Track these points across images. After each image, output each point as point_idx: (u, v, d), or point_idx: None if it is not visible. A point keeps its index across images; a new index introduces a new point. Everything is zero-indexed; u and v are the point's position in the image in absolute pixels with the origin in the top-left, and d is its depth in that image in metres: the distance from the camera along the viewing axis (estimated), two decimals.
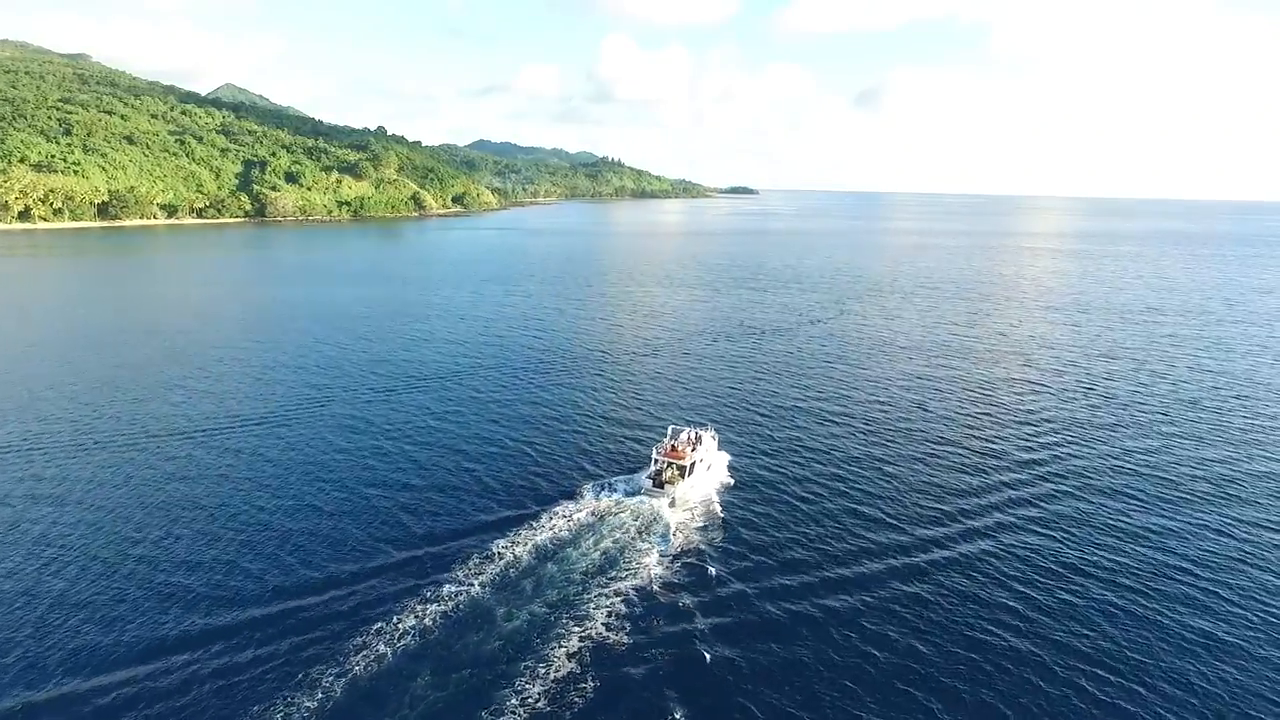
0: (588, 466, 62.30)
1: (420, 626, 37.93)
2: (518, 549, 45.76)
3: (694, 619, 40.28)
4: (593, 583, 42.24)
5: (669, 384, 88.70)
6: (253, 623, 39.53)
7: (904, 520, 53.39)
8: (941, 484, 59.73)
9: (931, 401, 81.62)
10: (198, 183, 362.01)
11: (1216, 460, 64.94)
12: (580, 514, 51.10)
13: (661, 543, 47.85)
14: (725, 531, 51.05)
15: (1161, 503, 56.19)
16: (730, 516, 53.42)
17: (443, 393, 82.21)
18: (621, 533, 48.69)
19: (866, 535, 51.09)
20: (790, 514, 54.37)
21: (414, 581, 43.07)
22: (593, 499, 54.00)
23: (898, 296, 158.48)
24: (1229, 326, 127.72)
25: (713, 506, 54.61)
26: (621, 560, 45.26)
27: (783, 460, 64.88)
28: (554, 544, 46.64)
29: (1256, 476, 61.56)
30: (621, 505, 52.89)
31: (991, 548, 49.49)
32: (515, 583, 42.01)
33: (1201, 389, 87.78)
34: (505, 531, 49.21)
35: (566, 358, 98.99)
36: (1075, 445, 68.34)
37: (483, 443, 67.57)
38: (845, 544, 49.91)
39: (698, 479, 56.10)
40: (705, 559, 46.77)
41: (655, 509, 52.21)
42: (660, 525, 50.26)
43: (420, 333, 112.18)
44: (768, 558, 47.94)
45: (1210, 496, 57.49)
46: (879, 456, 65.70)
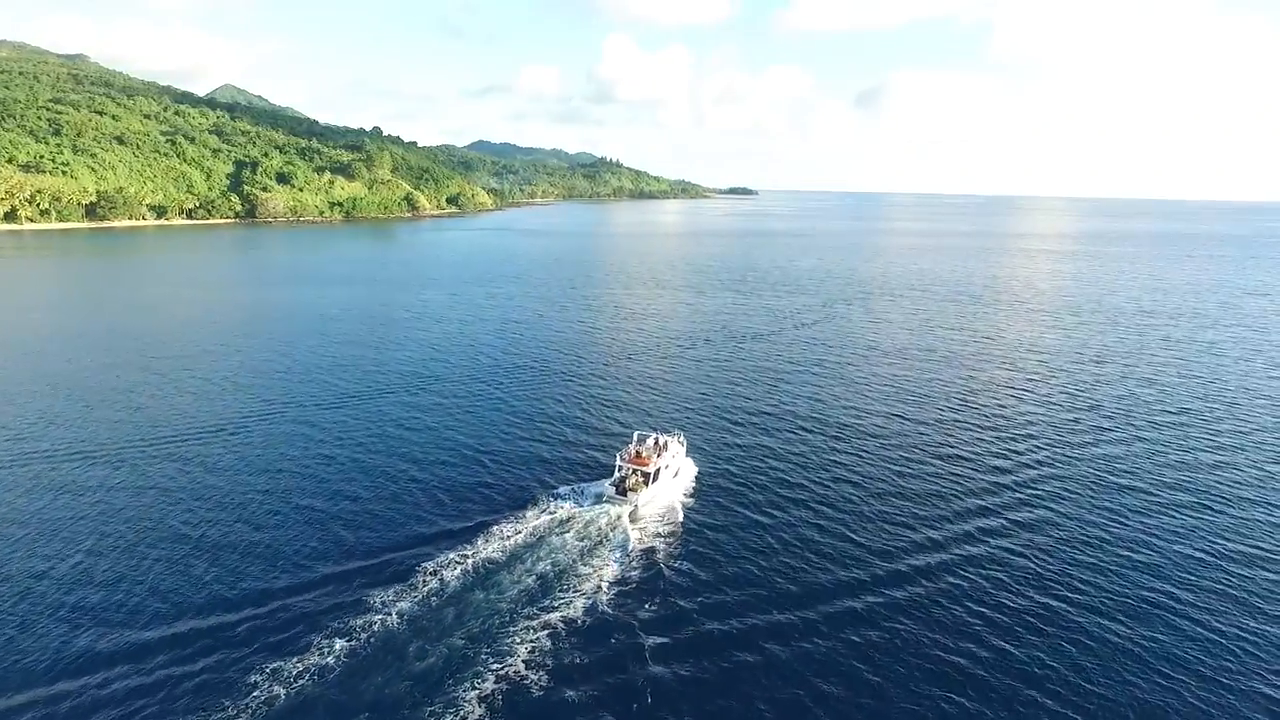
0: (550, 473, 60.32)
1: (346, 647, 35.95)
2: (467, 561, 43.98)
3: (644, 634, 38.67)
4: (544, 594, 40.78)
5: (641, 390, 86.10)
6: (145, 647, 37.26)
7: (872, 536, 50.77)
8: (914, 497, 57.04)
9: (910, 410, 78.91)
10: (188, 183, 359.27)
11: (1202, 470, 62.16)
12: (538, 522, 49.63)
13: (619, 552, 46.56)
14: (686, 541, 49.52)
15: (1142, 516, 53.40)
16: (693, 525, 51.87)
17: (407, 398, 79.55)
18: (579, 541, 47.22)
19: (833, 549, 48.76)
20: (755, 525, 52.37)
21: (338, 600, 40.83)
22: (553, 507, 52.54)
23: (886, 299, 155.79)
24: (1222, 330, 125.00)
25: (676, 514, 52.97)
26: (575, 570, 43.71)
27: (752, 468, 62.75)
28: (507, 554, 44.96)
29: (1243, 485, 58.83)
30: (582, 513, 51.55)
31: (962, 565, 46.93)
32: (459, 597, 40.32)
33: (1191, 396, 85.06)
34: (456, 543, 47.13)
35: (538, 362, 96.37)
36: (1056, 456, 65.59)
37: (441, 450, 65.10)
38: (809, 557, 47.72)
39: (663, 486, 55.01)
40: (662, 570, 45.24)
41: (616, 517, 50.94)
42: (619, 534, 48.86)
43: (391, 337, 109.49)
44: (727, 570, 45.90)
45: (1191, 506, 54.69)
46: (851, 467, 63.14)
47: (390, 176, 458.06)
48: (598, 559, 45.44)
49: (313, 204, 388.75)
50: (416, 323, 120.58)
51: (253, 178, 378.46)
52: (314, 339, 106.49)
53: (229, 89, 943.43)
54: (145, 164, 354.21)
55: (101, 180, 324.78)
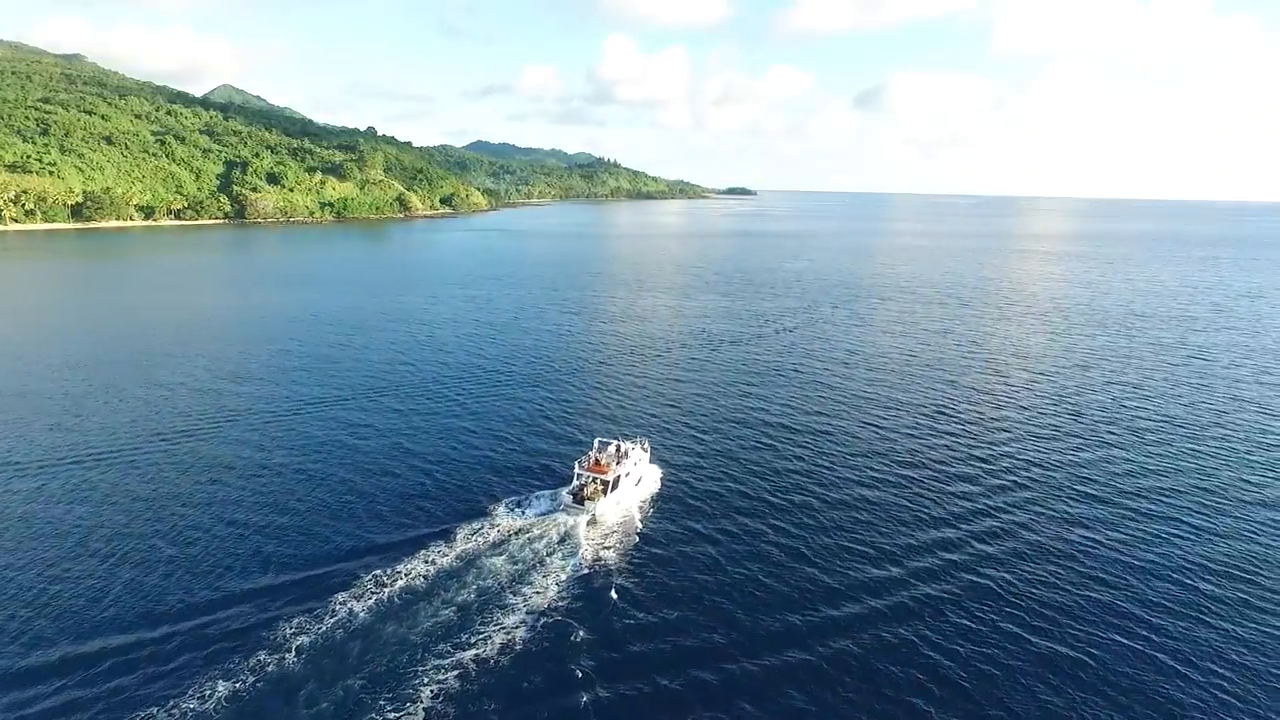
0: (507, 482, 58.24)
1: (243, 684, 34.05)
2: (411, 574, 42.70)
3: (581, 656, 37.17)
4: (481, 612, 39.50)
5: (610, 395, 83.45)
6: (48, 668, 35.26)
7: (833, 553, 48.42)
8: (880, 512, 54.37)
9: (883, 419, 76.01)
10: (177, 184, 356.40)
11: (1179, 480, 59.22)
12: (487, 534, 48.43)
13: (568, 565, 45.19)
14: (641, 552, 47.91)
15: (1111, 529, 50.55)
16: (651, 535, 50.26)
17: (366, 404, 76.71)
18: (529, 553, 46.11)
19: (793, 567, 46.82)
20: (714, 536, 50.79)
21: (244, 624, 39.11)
22: (505, 517, 51.17)
23: (873, 301, 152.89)
24: (1213, 334, 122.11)
25: (633, 524, 51.45)
26: (523, 583, 42.48)
27: (717, 476, 60.93)
28: (446, 569, 43.67)
29: (1221, 499, 55.83)
30: (536, 523, 50.44)
31: (926, 584, 44.57)
32: (403, 610, 39.27)
33: (1178, 404, 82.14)
34: (393, 557, 45.43)
35: (507, 367, 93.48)
36: (1030, 470, 62.63)
37: (392, 460, 62.83)
38: (768, 574, 45.92)
39: (623, 494, 53.82)
40: (610, 584, 43.62)
41: (570, 527, 49.81)
42: (570, 545, 47.59)
43: (359, 342, 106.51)
44: (679, 584, 44.11)
45: (1160, 518, 51.87)
46: (819, 478, 60.59)
47: (383, 177, 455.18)
48: (545, 572, 43.98)
49: (303, 204, 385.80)
50: (388, 327, 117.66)
51: (242, 178, 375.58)
52: (277, 344, 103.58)
53: (226, 89, 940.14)
54: (133, 164, 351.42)
55: (89, 180, 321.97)
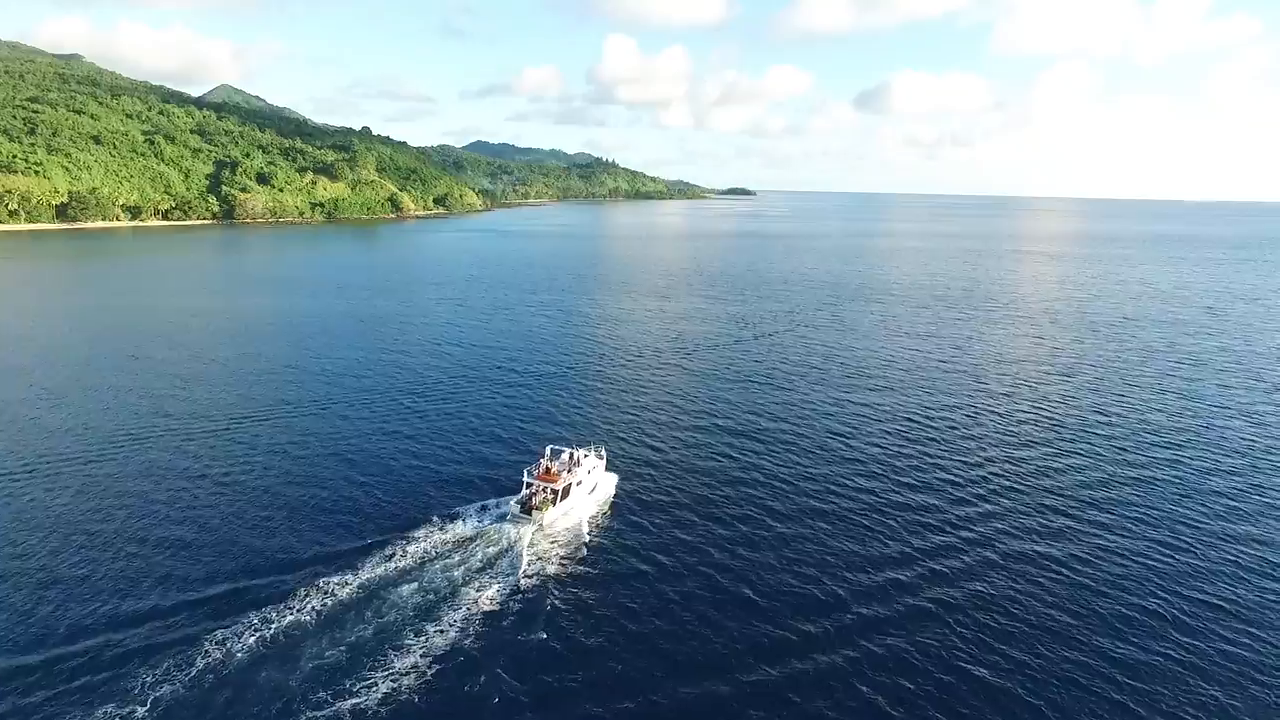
0: (456, 492, 56.18)
1: None
2: (336, 589, 41.27)
3: (508, 677, 35.65)
4: (405, 628, 38.20)
5: (573, 402, 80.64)
6: None
7: (789, 569, 45.88)
8: (844, 526, 51.58)
9: (855, 430, 72.53)
10: (166, 184, 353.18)
11: (1155, 501, 55.75)
12: (430, 544, 46.86)
13: (505, 579, 43.46)
14: (585, 566, 46.18)
15: (1078, 544, 47.06)
16: (598, 547, 48.46)
17: (315, 412, 73.54)
18: (466, 566, 44.53)
19: (743, 579, 44.72)
20: (665, 548, 48.51)
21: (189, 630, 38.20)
22: (448, 528, 49.30)
23: (858, 304, 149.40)
24: (1205, 339, 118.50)
25: (582, 535, 49.72)
26: (453, 598, 40.99)
27: (676, 486, 58.89)
28: (377, 583, 42.11)
29: (1194, 517, 52.36)
30: (480, 534, 48.63)
31: (893, 609, 41.76)
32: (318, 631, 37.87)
33: (1163, 414, 78.60)
34: (330, 568, 43.85)
35: (470, 372, 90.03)
36: (999, 480, 59.20)
37: (333, 469, 60.63)
38: (716, 590, 43.68)
39: (574, 503, 52.17)
40: (547, 599, 41.97)
41: (515, 538, 47.96)
42: (511, 558, 45.76)
43: (316, 347, 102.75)
44: (622, 602, 42.11)
45: (1131, 535, 48.44)
46: (781, 491, 57.98)
47: (375, 177, 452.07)
48: (480, 587, 42.33)
49: (293, 205, 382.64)
50: (353, 331, 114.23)
51: (232, 178, 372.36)
52: (233, 349, 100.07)
53: (225, 89, 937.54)
54: (121, 164, 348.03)
55: (75, 180, 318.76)
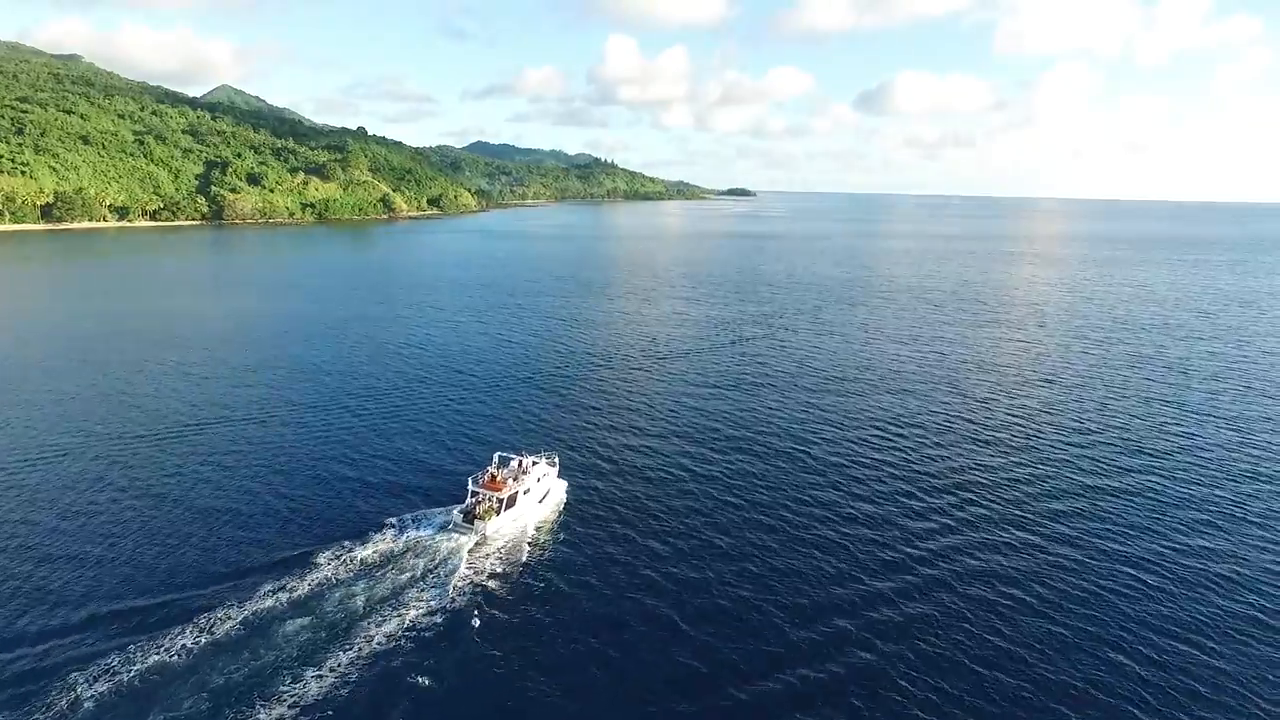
0: (398, 501, 54.35)
1: None
2: (261, 601, 40.01)
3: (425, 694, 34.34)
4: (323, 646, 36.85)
5: (533, 409, 77.91)
6: None
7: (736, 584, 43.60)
8: (797, 544, 48.58)
9: (822, 436, 69.25)
10: (155, 184, 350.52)
11: (1131, 520, 52.31)
12: (363, 556, 45.20)
13: (436, 591, 42.08)
14: (524, 580, 44.54)
15: (1033, 560, 43.70)
16: (541, 560, 47.02)
17: (257, 419, 70.26)
18: (398, 578, 43.01)
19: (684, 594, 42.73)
20: (613, 560, 46.79)
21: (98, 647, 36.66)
22: (389, 538, 47.83)
23: (842, 307, 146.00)
24: (1195, 344, 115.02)
25: (524, 547, 48.13)
26: (381, 611, 39.61)
27: (629, 496, 56.90)
28: (310, 592, 41.12)
29: (1174, 545, 48.93)
30: (418, 544, 47.14)
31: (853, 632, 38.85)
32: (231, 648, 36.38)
33: (1145, 425, 75.16)
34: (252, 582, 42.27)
35: (430, 378, 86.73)
36: (967, 498, 55.81)
37: (272, 479, 58.41)
38: (655, 607, 41.71)
39: (520, 512, 51.04)
40: (480, 612, 40.56)
41: (454, 549, 46.61)
42: (447, 570, 44.25)
43: (270, 353, 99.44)
44: (558, 621, 40.31)
45: (1101, 551, 45.11)
46: (736, 505, 55.28)
47: (368, 177, 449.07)
48: (407, 600, 40.81)
49: (283, 205, 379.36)
50: (314, 336, 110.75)
51: (221, 178, 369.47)
52: (180, 354, 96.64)
53: (225, 89, 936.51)
54: (110, 164, 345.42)
55: (62, 181, 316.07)
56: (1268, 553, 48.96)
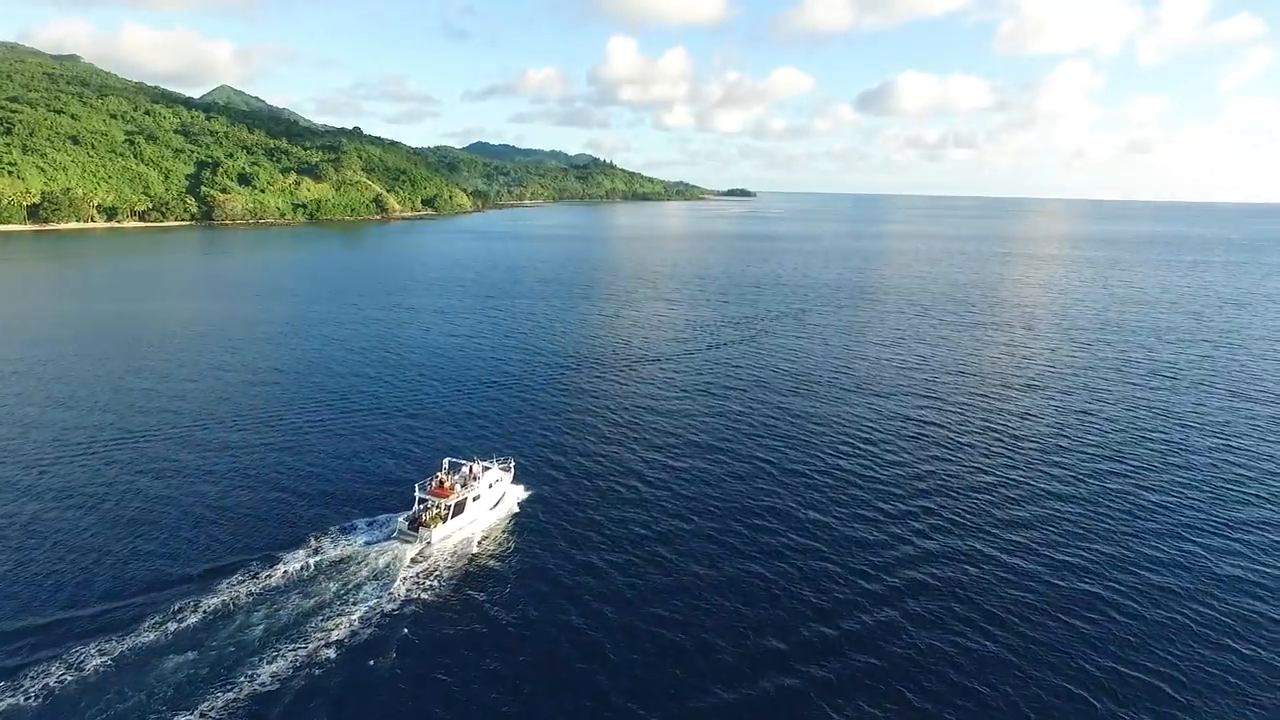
0: (345, 508, 52.80)
1: None
2: (192, 610, 39.01)
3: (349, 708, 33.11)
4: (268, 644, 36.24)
5: (495, 414, 75.59)
6: None
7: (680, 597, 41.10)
8: (755, 557, 46.01)
9: (792, 444, 66.29)
10: (145, 184, 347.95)
11: (1105, 531, 49.18)
12: (302, 565, 43.85)
13: (373, 600, 40.78)
14: (465, 590, 42.83)
15: (998, 568, 40.70)
16: (485, 569, 45.42)
17: (204, 427, 67.22)
18: (335, 586, 41.72)
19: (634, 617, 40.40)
20: (561, 571, 45.03)
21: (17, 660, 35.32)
22: (331, 546, 46.49)
23: (827, 310, 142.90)
24: (1186, 347, 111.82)
25: (469, 555, 46.76)
26: (313, 619, 38.37)
27: (585, 504, 54.83)
28: (244, 601, 39.94)
29: (1157, 558, 45.83)
30: (360, 553, 45.79)
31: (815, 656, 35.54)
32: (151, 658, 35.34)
33: (1128, 433, 72.04)
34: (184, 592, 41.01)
35: (392, 382, 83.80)
36: (937, 506, 52.76)
37: (216, 485, 56.85)
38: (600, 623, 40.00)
39: (469, 519, 49.93)
40: (414, 622, 39.12)
41: (395, 558, 45.39)
42: (385, 580, 42.96)
43: (230, 357, 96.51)
44: (495, 637, 38.57)
45: (1070, 567, 42.06)
46: (689, 517, 52.81)
47: (361, 177, 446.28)
48: (341, 609, 39.51)
49: (274, 205, 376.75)
50: (280, 340, 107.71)
51: (212, 179, 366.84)
52: (127, 361, 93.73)
53: (225, 90, 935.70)
54: (99, 164, 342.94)
55: (50, 181, 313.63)
56: (1244, 559, 45.89)
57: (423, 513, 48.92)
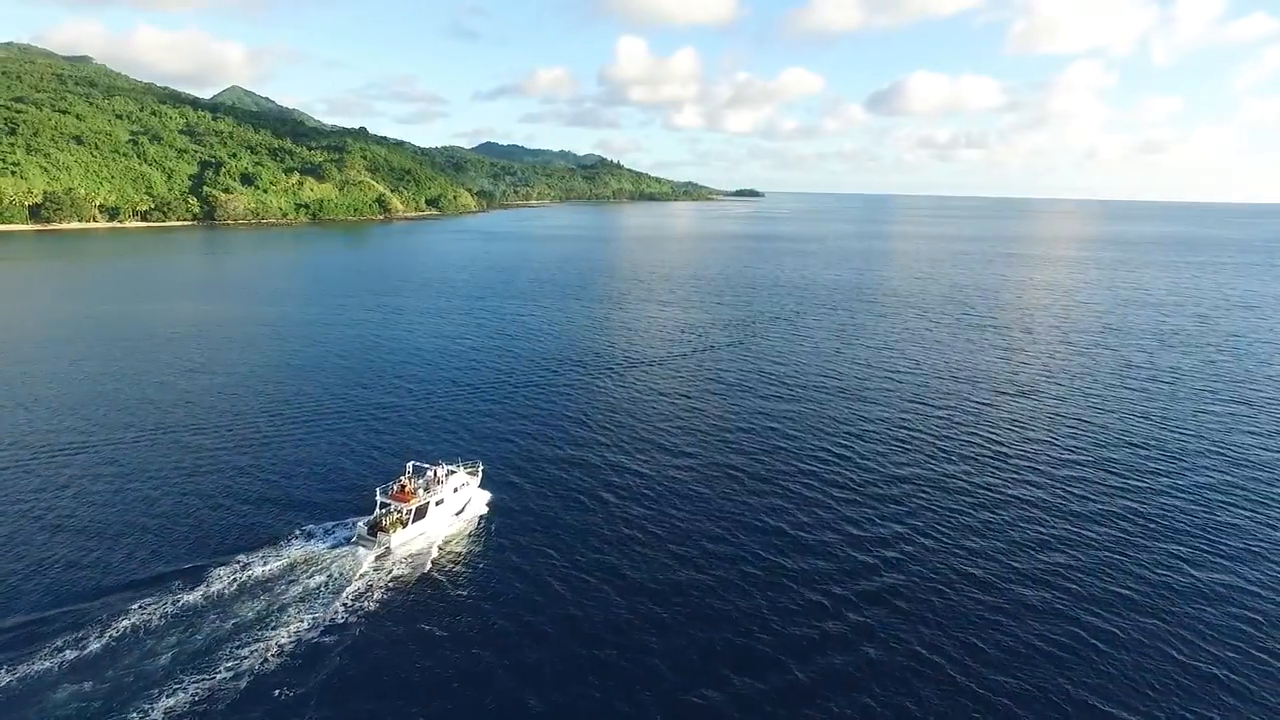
0: (307, 512, 51.68)
1: None
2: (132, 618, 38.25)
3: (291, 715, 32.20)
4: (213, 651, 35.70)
5: (466, 419, 73.34)
6: None
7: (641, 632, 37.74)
8: (729, 571, 43.67)
9: (771, 455, 63.54)
10: (148, 184, 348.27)
11: (1092, 554, 46.23)
12: (255, 570, 42.98)
13: (324, 607, 39.77)
14: (419, 598, 41.60)
15: (975, 619, 37.93)
16: (442, 577, 43.91)
17: (166, 431, 65.14)
18: (286, 595, 40.74)
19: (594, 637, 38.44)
20: (522, 580, 43.49)
21: None
22: (288, 551, 45.73)
23: (824, 310, 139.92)
24: (1190, 352, 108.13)
25: (427, 563, 45.50)
26: (257, 629, 37.50)
27: (556, 510, 53.59)
28: (190, 610, 39.14)
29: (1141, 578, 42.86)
30: (315, 558, 44.89)
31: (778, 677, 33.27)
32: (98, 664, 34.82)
33: (1123, 446, 68.82)
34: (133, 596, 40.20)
35: (368, 384, 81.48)
36: (914, 525, 49.90)
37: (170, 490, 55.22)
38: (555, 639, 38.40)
39: (431, 524, 49.02)
40: (365, 630, 38.19)
41: (352, 563, 44.51)
42: (339, 584, 42.12)
43: (200, 360, 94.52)
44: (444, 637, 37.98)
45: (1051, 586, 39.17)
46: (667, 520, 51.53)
47: (363, 177, 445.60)
48: (289, 618, 38.49)
49: (276, 205, 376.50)
50: (256, 343, 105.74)
51: (215, 179, 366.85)
52: (91, 366, 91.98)
53: (235, 90, 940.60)
54: (102, 164, 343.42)
55: (53, 181, 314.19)
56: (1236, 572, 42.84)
57: (383, 517, 47.97)
